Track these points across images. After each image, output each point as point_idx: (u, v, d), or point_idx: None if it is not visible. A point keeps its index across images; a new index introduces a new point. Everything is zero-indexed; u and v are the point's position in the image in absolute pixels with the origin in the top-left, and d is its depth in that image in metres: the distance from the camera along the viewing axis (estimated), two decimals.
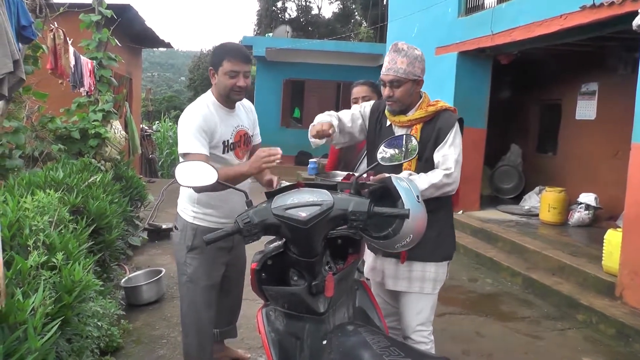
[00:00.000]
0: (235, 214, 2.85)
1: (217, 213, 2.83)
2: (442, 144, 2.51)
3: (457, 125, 2.54)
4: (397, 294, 2.71)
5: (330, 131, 2.47)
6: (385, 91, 2.55)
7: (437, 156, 2.51)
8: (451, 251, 2.67)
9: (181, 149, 2.65)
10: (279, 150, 2.42)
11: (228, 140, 2.80)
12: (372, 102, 2.84)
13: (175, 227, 2.97)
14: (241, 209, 2.87)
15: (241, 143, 2.90)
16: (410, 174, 2.46)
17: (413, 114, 2.57)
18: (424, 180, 2.43)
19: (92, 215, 3.90)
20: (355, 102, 3.18)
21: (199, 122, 2.66)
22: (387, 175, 2.28)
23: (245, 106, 3.04)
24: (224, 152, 2.79)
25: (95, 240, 3.82)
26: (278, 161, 2.44)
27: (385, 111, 2.68)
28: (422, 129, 2.56)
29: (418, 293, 2.59)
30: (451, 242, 2.68)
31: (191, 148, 2.61)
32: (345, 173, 2.52)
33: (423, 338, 2.63)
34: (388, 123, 2.68)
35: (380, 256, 2.69)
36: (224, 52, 2.70)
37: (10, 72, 3.43)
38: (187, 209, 2.89)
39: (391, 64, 2.52)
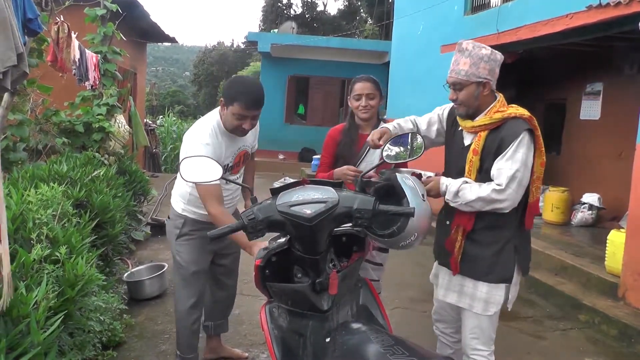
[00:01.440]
0: None
1: (205, 212, 2.82)
2: (501, 155, 2.30)
3: (523, 136, 2.29)
4: (457, 307, 2.62)
5: (380, 142, 2.42)
6: (450, 94, 2.42)
7: (494, 168, 2.32)
8: (510, 273, 2.44)
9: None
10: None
11: (228, 164, 2.87)
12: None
13: (168, 216, 3.13)
14: (232, 211, 2.92)
15: (240, 162, 3.01)
16: (466, 181, 2.35)
17: (477, 120, 2.39)
18: (474, 191, 2.30)
19: (96, 209, 3.90)
20: (358, 99, 3.00)
21: (209, 153, 2.58)
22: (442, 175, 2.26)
23: None
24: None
25: (98, 235, 3.82)
26: None
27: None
28: (486, 137, 2.36)
29: (468, 310, 2.49)
30: (511, 263, 2.44)
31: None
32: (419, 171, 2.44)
33: (481, 358, 2.53)
34: (460, 127, 2.52)
35: (437, 264, 2.65)
36: (238, 92, 2.64)
37: (14, 65, 3.43)
38: (179, 203, 3.02)
39: (454, 65, 2.37)
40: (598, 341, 4.28)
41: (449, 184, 2.36)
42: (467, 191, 2.31)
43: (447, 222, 2.52)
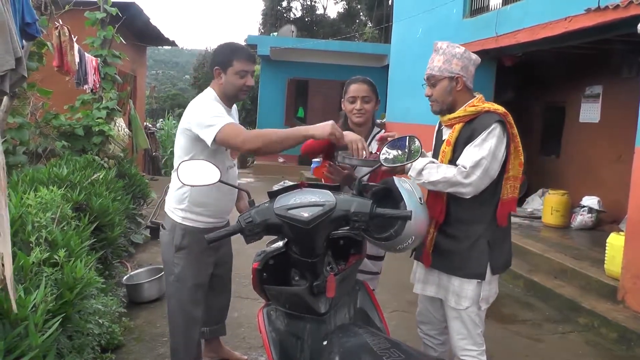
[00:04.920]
0: (224, 213, 2.90)
1: (206, 212, 2.81)
2: (470, 143, 2.36)
3: (494, 127, 2.34)
4: (441, 307, 2.64)
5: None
6: (425, 90, 2.52)
7: (462, 155, 2.38)
8: (482, 269, 2.42)
9: (214, 127, 2.47)
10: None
11: None
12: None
13: (162, 226, 2.93)
14: (231, 208, 2.88)
15: None
16: (433, 161, 2.39)
17: (453, 113, 2.48)
18: (440, 172, 2.33)
19: (95, 212, 3.91)
20: (352, 102, 2.82)
21: (218, 105, 2.66)
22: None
23: (232, 108, 3.07)
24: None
25: (97, 238, 3.83)
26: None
27: None
28: (460, 129, 2.43)
29: (453, 308, 2.49)
30: (483, 259, 2.43)
31: (224, 121, 2.49)
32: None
33: (471, 359, 2.51)
34: (442, 127, 2.62)
35: (415, 260, 2.67)
36: (232, 52, 2.72)
37: (12, 69, 3.43)
38: (176, 209, 2.83)
39: (429, 63, 2.50)
40: (597, 344, 4.27)
41: (415, 161, 2.34)
42: (432, 170, 2.34)
43: None
